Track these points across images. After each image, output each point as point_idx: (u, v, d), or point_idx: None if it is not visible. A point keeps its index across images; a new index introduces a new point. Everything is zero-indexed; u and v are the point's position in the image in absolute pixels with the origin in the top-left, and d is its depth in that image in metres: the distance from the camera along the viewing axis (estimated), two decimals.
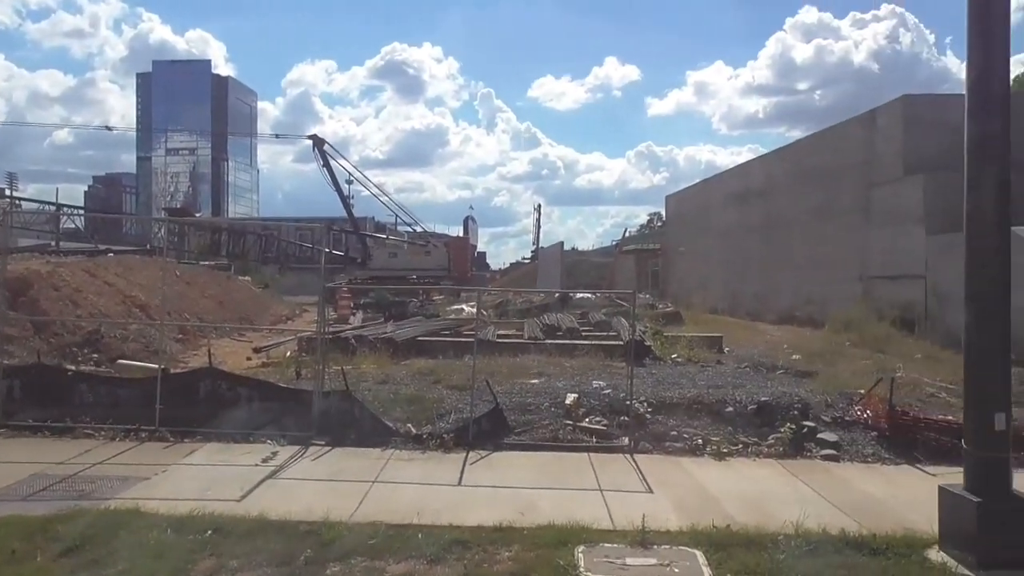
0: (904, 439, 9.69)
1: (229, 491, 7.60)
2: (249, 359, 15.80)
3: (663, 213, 52.64)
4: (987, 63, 6.27)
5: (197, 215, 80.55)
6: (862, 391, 10.99)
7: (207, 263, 36.57)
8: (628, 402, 10.28)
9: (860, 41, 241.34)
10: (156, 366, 10.91)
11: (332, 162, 46.56)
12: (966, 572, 5.87)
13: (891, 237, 20.16)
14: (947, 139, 8.77)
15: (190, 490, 7.63)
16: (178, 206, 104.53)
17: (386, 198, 56.46)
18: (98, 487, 7.76)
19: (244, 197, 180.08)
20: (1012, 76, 6.99)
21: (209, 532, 6.36)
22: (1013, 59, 6.37)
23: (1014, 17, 6.42)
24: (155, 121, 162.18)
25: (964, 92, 6.43)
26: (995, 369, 6.28)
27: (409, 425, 9.95)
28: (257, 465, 8.64)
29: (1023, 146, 7.35)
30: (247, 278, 40.82)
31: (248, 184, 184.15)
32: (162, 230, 32.47)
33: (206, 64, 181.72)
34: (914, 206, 19.11)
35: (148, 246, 34.21)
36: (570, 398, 10.74)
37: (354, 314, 25.03)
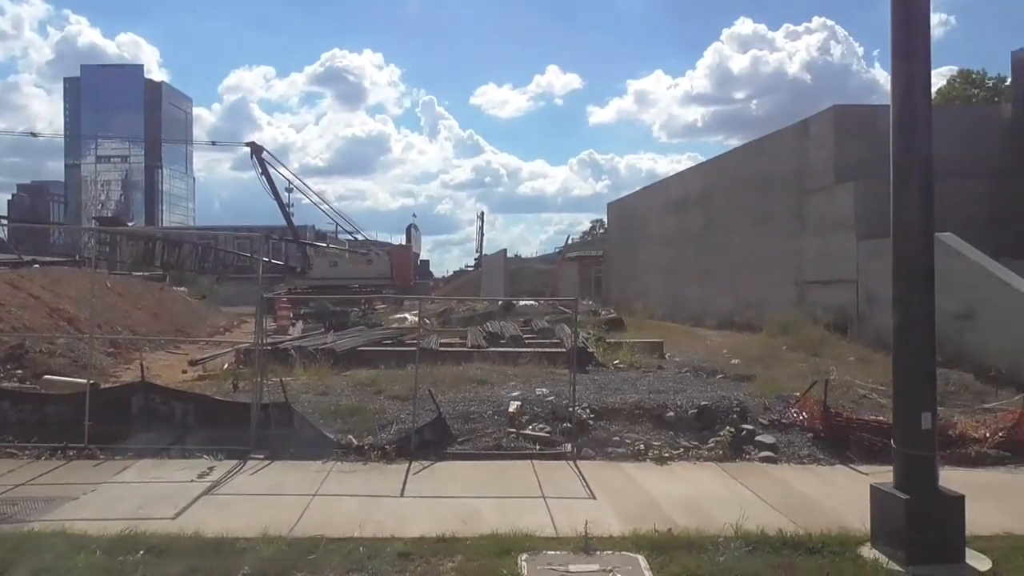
0: (838, 440, 9.97)
1: (163, 509, 7.40)
2: (185, 372, 15.43)
3: (605, 220, 53.21)
4: (910, 78, 6.52)
5: (129, 224, 78.53)
6: (798, 394, 11.26)
7: (141, 274, 35.63)
8: (571, 409, 10.34)
9: (793, 52, 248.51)
10: (85, 381, 10.56)
11: (271, 170, 45.87)
12: (896, 568, 6.05)
13: (824, 243, 20.72)
14: (876, 148, 9.06)
15: (121, 509, 7.40)
16: (109, 215, 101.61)
17: (327, 206, 56.22)
18: (21, 509, 7.46)
19: (179, 206, 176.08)
20: (935, 89, 7.26)
21: (141, 552, 6.18)
22: (935, 72, 6.63)
23: (935, 32, 6.71)
24: (84, 127, 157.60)
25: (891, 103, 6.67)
26: (921, 370, 6.51)
27: (350, 436, 9.84)
28: (193, 481, 8.44)
29: (946, 156, 7.64)
30: (183, 289, 39.86)
31: (183, 192, 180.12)
32: (92, 240, 31.48)
33: (138, 68, 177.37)
34: (845, 213, 19.67)
35: (77, 257, 33.20)
36: (513, 406, 10.75)
37: (294, 324, 24.64)
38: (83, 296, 18.98)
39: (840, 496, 8.12)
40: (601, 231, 79.08)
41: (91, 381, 10.60)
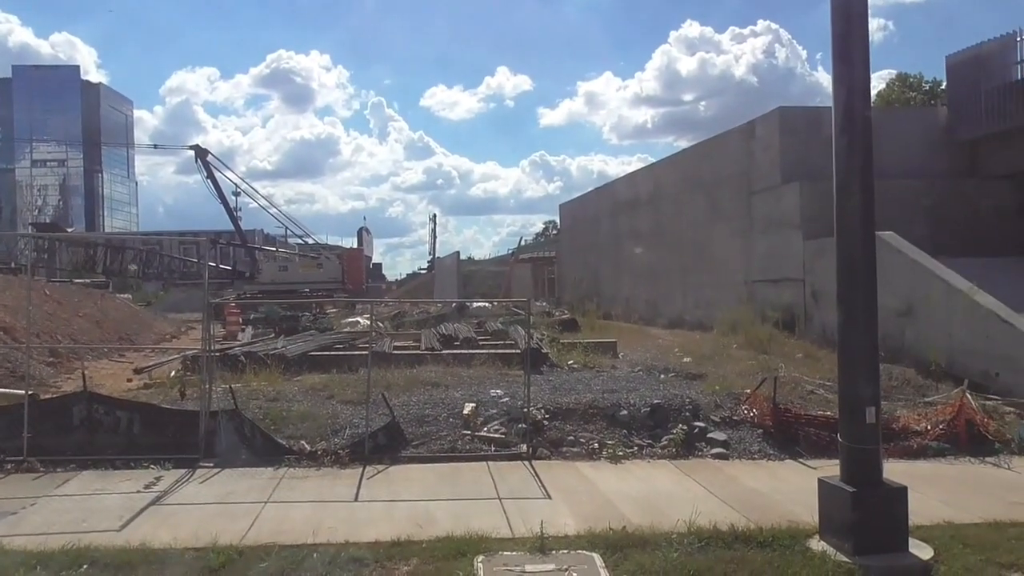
0: (787, 435, 10.20)
1: (107, 521, 7.26)
2: (130, 381, 15.11)
3: (558, 221, 53.50)
4: (850, 83, 6.73)
5: (68, 230, 76.47)
6: (748, 391, 11.49)
7: (81, 281, 34.75)
8: (526, 409, 10.40)
9: (740, 55, 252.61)
10: (23, 392, 10.27)
11: (217, 173, 45.11)
12: (843, 559, 6.23)
13: (772, 242, 21.14)
14: (820, 149, 9.30)
15: (63, 522, 7.23)
16: (47, 220, 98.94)
17: (275, 210, 55.38)
18: None
19: (122, 211, 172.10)
20: (874, 92, 7.47)
21: (84, 567, 6.06)
22: (874, 75, 6.85)
23: (874, 37, 6.92)
24: (18, 130, 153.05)
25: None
26: (864, 366, 6.71)
27: (303, 442, 9.76)
28: (139, 492, 8.29)
29: (887, 157, 7.88)
30: (127, 296, 39.02)
31: (126, 197, 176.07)
32: (28, 247, 30.60)
33: (74, 69, 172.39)
34: (791, 212, 20.11)
35: (12, 264, 32.22)
36: (468, 408, 10.77)
37: (243, 330, 24.28)
38: (20, 304, 18.43)
39: (789, 490, 8.32)
40: (554, 232, 79.46)
41: (29, 392, 10.31)
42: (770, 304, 20.48)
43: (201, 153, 44.74)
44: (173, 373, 15.30)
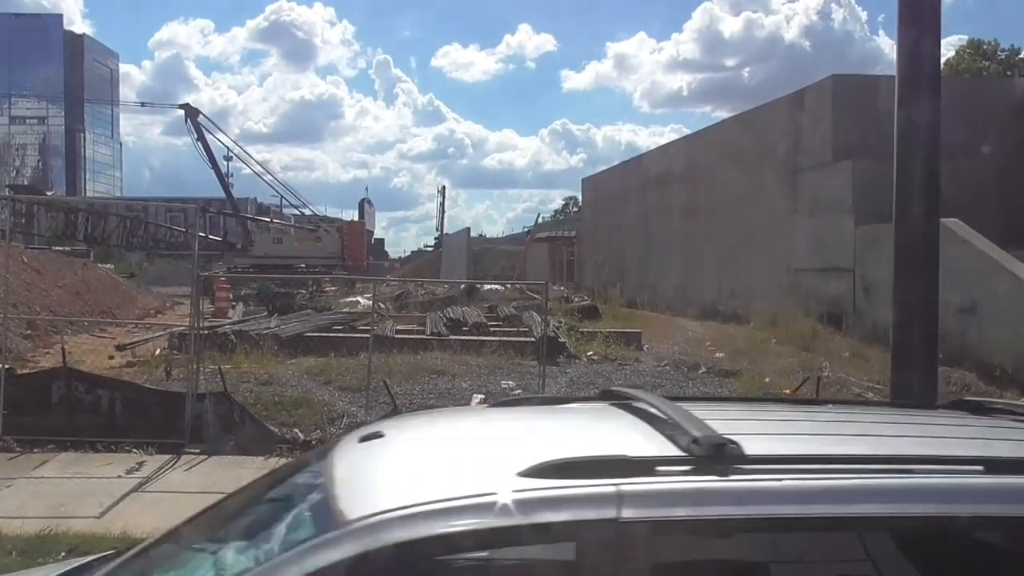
0: None
1: (87, 507, 7.34)
2: (112, 358, 15.24)
3: (579, 197, 53.42)
4: (917, 47, 6.58)
5: (48, 193, 77.01)
6: (787, 392, 11.43)
7: (61, 249, 35.01)
8: None
9: (791, 16, 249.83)
10: None
11: (208, 135, 45.39)
12: None
13: (819, 227, 20.98)
14: (878, 124, 9.20)
15: (40, 507, 7.31)
16: (25, 183, 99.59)
17: (270, 177, 55.15)
18: None
19: (105, 174, 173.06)
20: (942, 60, 7.36)
21: (63, 554, 6.10)
22: (944, 42, 6.73)
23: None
24: None
25: (895, 75, 6.75)
26: (921, 369, 6.63)
27: (296, 431, 9.82)
28: (120, 477, 8.38)
29: (953, 134, 7.76)
30: (109, 266, 39.33)
31: (109, 159, 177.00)
32: (6, 210, 30.89)
33: (57, 19, 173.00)
34: (842, 194, 19.93)
35: None
36: (476, 399, 10.79)
37: (233, 307, 24.44)
38: None
39: None
40: (574, 210, 79.23)
41: (6, 366, 10.42)
42: (815, 296, 20.37)
43: (191, 113, 44.95)
44: (158, 351, 15.41)
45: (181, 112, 45.16)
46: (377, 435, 2.42)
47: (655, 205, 32.46)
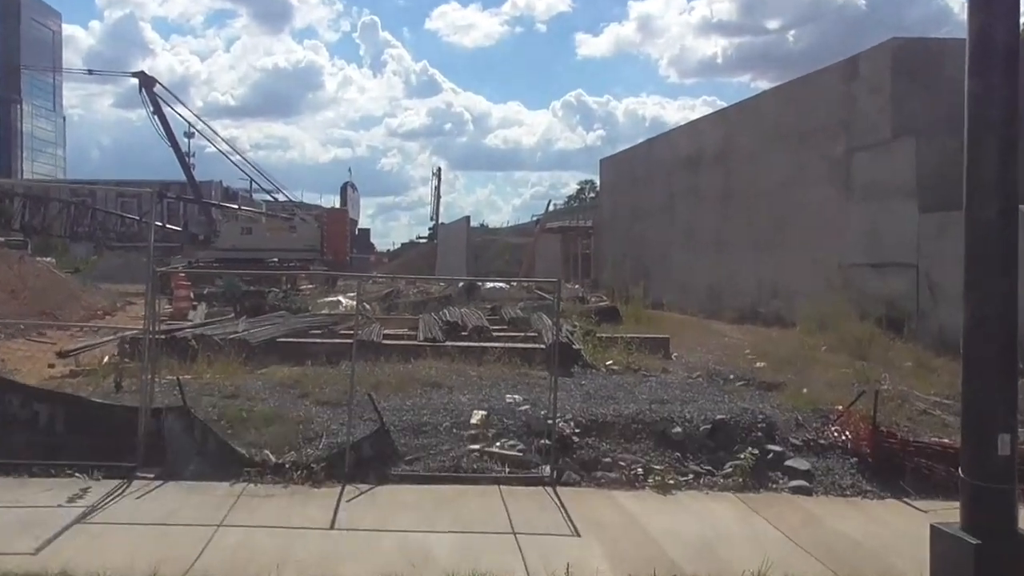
0: (889, 467, 10.08)
1: (22, 541, 7.32)
2: (52, 366, 15.26)
3: (597, 181, 53.33)
4: (990, 7, 6.53)
5: None
6: (839, 408, 11.38)
7: None
8: (550, 421, 10.36)
9: None
10: None
11: (166, 108, 45.46)
12: None
13: (876, 214, 20.92)
14: (945, 94, 9.13)
15: None
16: None
17: (238, 157, 55.44)
18: None
19: (45, 152, 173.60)
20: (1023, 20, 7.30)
21: None
22: None
23: None
24: None
25: (965, 39, 6.69)
26: (998, 380, 6.57)
27: (267, 452, 9.79)
28: (61, 506, 8.36)
29: None
30: (50, 259, 39.36)
31: (51, 135, 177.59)
32: None
33: None
34: (904, 176, 19.87)
35: None
36: (477, 416, 10.77)
37: (195, 307, 24.42)
38: None
39: (890, 538, 8.24)
40: (592, 196, 79.31)
41: None
42: (871, 295, 20.31)
43: (147, 82, 45.00)
44: (107, 359, 15.42)
45: (135, 81, 45.30)
46: None
47: (685, 190, 32.43)
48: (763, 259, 26.34)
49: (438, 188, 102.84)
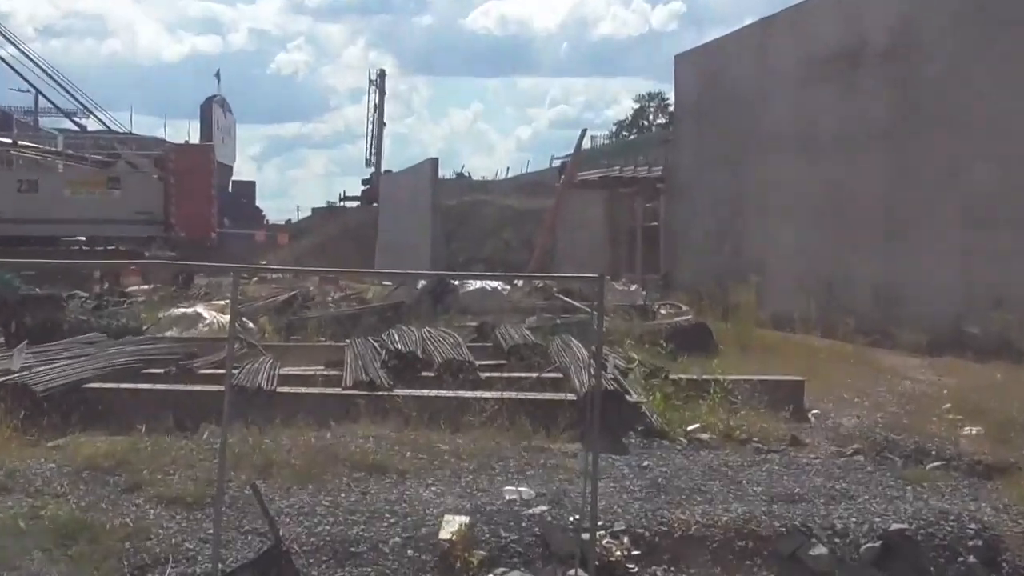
0: None
1: None
2: None
3: (670, 95, 53.32)
4: None
5: None
6: None
7: None
8: (585, 536, 10.34)
9: None
10: None
11: None
12: None
13: None
14: None
15: None
16: None
17: (13, 51, 55.51)
18: None
19: None
20: None
21: None
22: None
23: None
24: None
25: None
26: None
27: None
28: None
29: None
30: None
31: None
32: None
33: None
34: None
35: None
36: (452, 526, 10.76)
37: None
38: None
39: None
40: (660, 123, 79.46)
41: None
42: None
43: None
44: None
45: None
46: None
47: (829, 112, 32.43)
48: (977, 244, 26.28)
49: (380, 109, 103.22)
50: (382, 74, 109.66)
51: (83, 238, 44.30)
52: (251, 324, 22.26)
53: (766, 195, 35.38)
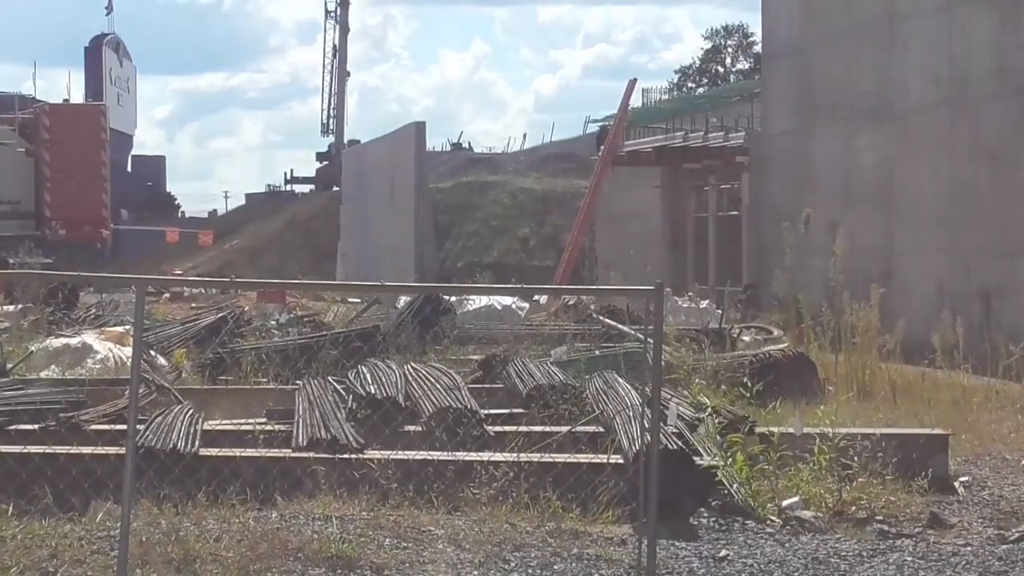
0: None
1: None
2: None
3: (756, 27, 53.50)
4: None
5: None
6: None
7: None
8: None
9: None
10: None
11: None
12: None
13: None
14: None
15: None
16: None
17: None
18: None
19: None
20: None
21: None
22: None
23: None
24: None
25: None
26: None
27: None
28: None
29: None
30: None
31: None
32: None
33: None
34: None
35: None
36: None
37: None
38: None
39: None
40: (740, 68, 79.79)
41: None
42: None
43: None
44: None
45: None
46: None
47: (987, 53, 32.52)
48: None
49: (342, 53, 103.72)
50: (341, 3, 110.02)
51: None
52: (162, 360, 22.35)
53: (897, 172, 35.44)
